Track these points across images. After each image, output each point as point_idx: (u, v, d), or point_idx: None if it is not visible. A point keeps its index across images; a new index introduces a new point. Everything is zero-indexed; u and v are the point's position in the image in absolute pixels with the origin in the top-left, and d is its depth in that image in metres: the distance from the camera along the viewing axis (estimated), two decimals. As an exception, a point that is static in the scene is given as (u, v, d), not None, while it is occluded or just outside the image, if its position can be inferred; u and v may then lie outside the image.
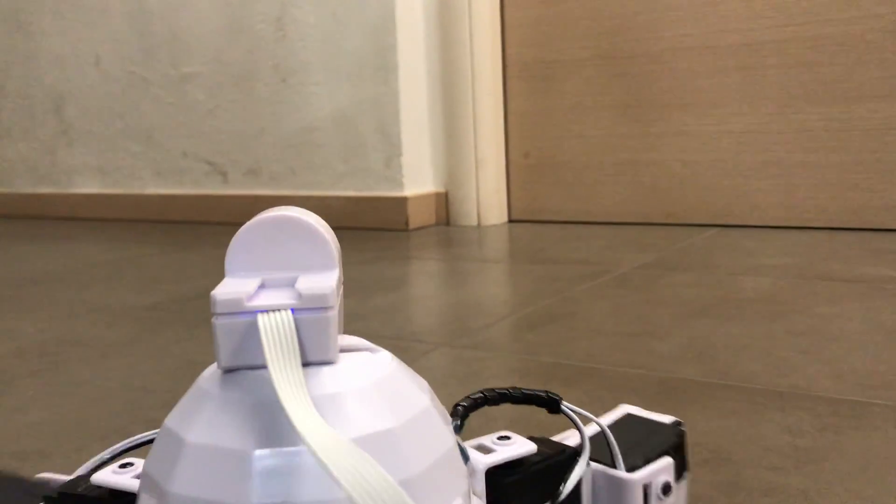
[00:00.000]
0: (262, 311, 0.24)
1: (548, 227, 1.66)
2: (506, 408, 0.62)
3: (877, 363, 0.71)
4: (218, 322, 0.25)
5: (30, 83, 2.32)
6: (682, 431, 0.38)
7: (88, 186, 2.25)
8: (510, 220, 1.79)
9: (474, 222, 1.74)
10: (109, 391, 0.73)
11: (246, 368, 0.25)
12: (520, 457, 0.32)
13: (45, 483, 0.35)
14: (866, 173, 1.43)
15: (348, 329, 0.91)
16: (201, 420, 0.24)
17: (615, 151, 1.65)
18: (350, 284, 1.16)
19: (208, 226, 1.95)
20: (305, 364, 0.25)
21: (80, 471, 0.33)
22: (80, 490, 0.32)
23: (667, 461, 0.35)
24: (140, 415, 0.66)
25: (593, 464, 0.34)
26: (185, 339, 0.90)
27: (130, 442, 0.33)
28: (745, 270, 1.13)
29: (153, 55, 2.06)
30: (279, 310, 0.24)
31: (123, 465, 0.32)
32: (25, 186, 2.39)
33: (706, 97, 1.55)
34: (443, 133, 1.76)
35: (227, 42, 1.93)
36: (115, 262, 1.48)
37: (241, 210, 1.95)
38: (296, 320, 0.25)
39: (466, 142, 1.73)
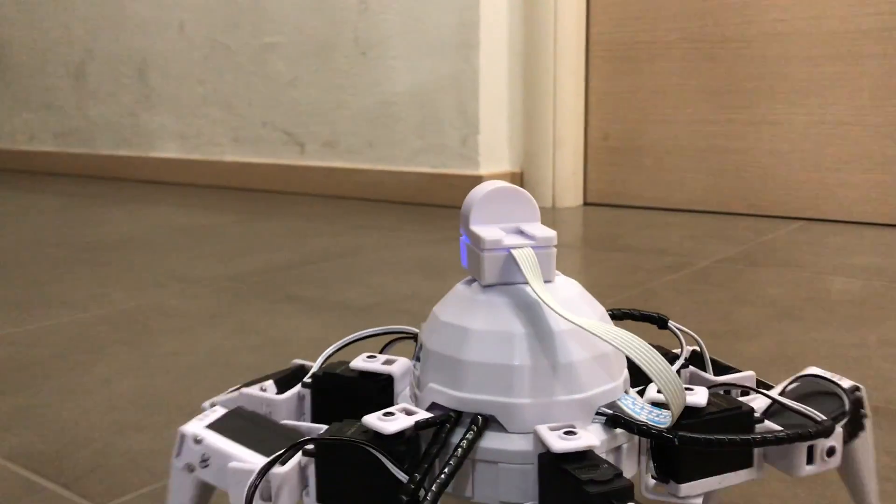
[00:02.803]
0: (513, 248, 0.37)
1: (624, 212, 1.64)
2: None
3: (980, 380, 0.68)
4: (485, 255, 0.37)
5: (116, 47, 2.36)
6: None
7: (168, 150, 2.30)
8: (585, 203, 1.76)
9: (549, 204, 1.72)
10: (196, 365, 0.74)
11: (500, 284, 0.37)
12: None
13: (299, 367, 0.45)
14: (965, 171, 1.37)
15: (423, 312, 0.91)
16: (479, 315, 0.37)
17: (699, 137, 1.61)
18: (423, 265, 1.16)
19: (284, 195, 1.97)
20: None
21: (319, 360, 0.44)
22: (339, 371, 0.42)
23: (749, 373, 0.45)
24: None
25: (693, 368, 0.45)
26: (268, 313, 0.91)
27: (353, 337, 0.45)
28: (833, 270, 1.09)
29: (236, 23, 2.08)
30: (525, 246, 0.37)
31: (370, 357, 0.42)
32: (108, 148, 2.45)
33: (798, 85, 1.50)
34: (521, 112, 1.74)
35: (310, 13, 1.93)
36: (196, 229, 1.50)
37: (317, 181, 1.97)
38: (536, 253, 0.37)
39: (545, 122, 1.70)
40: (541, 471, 0.34)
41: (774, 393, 0.41)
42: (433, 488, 0.33)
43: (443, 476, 0.33)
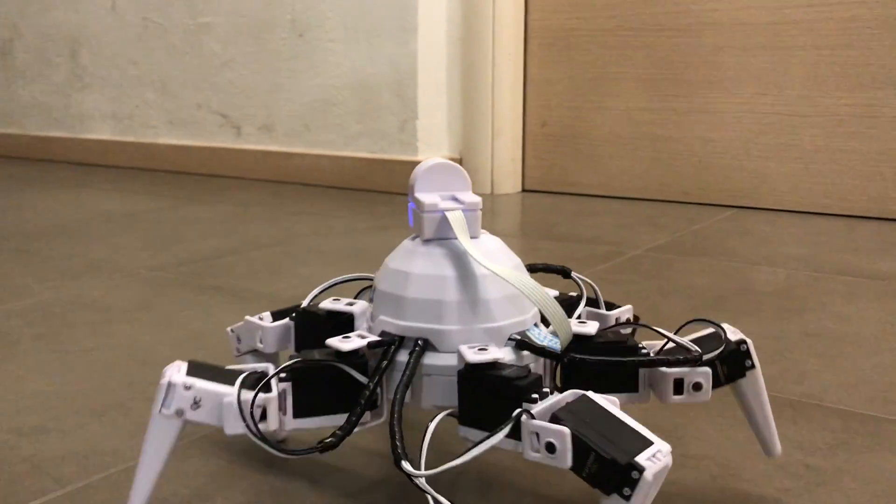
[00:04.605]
0: (447, 210, 0.47)
1: (562, 199, 1.64)
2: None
3: (893, 374, 0.69)
4: (425, 215, 0.47)
5: (44, 25, 2.29)
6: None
7: (101, 132, 2.24)
8: (524, 190, 1.76)
9: (488, 190, 1.72)
10: (112, 362, 0.72)
11: (437, 239, 0.47)
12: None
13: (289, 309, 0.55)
14: (890, 162, 1.40)
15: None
16: (419, 262, 0.46)
17: (635, 125, 1.62)
18: (355, 255, 1.15)
19: (220, 179, 1.94)
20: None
21: (306, 301, 0.54)
22: (314, 310, 0.52)
23: (628, 307, 0.56)
24: (140, 390, 0.66)
25: (590, 308, 0.55)
26: (191, 306, 0.89)
27: (330, 284, 0.55)
28: (760, 259, 1.11)
29: (169, 2, 2.02)
30: (456, 210, 0.47)
31: (335, 300, 0.52)
32: (38, 129, 2.37)
33: (731, 75, 1.51)
34: (460, 98, 1.73)
35: (245, -7, 1.89)
36: (126, 214, 1.47)
37: (253, 165, 1.93)
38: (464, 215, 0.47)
39: (483, 108, 1.70)
40: (459, 378, 0.43)
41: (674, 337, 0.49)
42: (397, 395, 0.42)
43: (401, 385, 0.43)
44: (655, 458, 0.37)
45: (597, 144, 1.67)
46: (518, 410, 0.40)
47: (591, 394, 0.41)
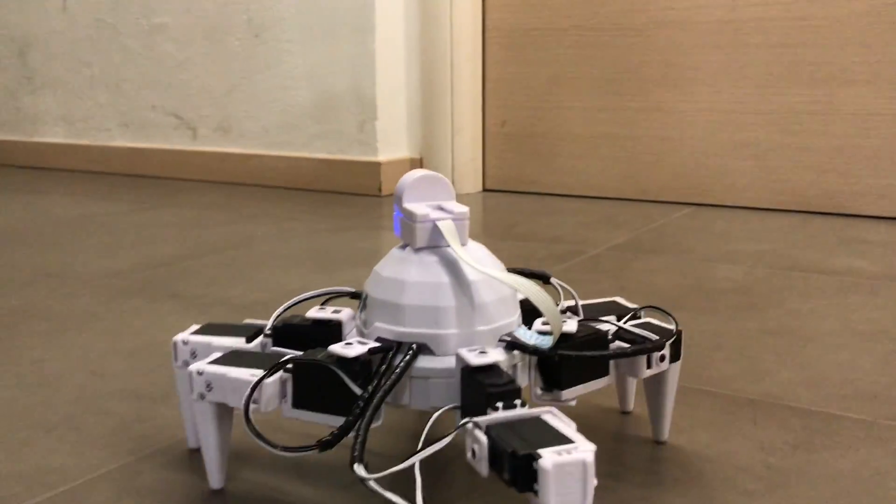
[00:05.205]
0: (437, 220, 0.48)
1: (522, 199, 1.64)
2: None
3: (850, 370, 0.70)
4: (417, 225, 0.48)
5: (-8, 25, 2.23)
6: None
7: (53, 135, 2.19)
8: (484, 190, 1.76)
9: (448, 190, 1.71)
10: (61, 374, 0.70)
11: (428, 248, 0.49)
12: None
13: (252, 325, 0.55)
14: (843, 158, 1.42)
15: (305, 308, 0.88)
16: (413, 270, 0.48)
17: (592, 124, 1.63)
18: (314, 258, 1.14)
19: (176, 182, 1.90)
20: None
21: (274, 315, 0.55)
22: (295, 322, 0.53)
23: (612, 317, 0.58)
24: (91, 404, 0.64)
25: (570, 314, 0.58)
26: (145, 313, 0.87)
27: (301, 298, 0.56)
28: (718, 257, 1.11)
29: (122, 3, 1.99)
30: (447, 219, 0.48)
31: (320, 308, 0.53)
32: (-13, 132, 2.32)
33: (686, 73, 1.52)
34: (419, 98, 1.72)
35: (199, -7, 1.86)
36: (80, 219, 1.43)
37: (210, 167, 1.91)
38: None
39: (443, 108, 1.69)
40: (462, 380, 0.45)
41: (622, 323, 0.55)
42: (376, 398, 0.44)
43: (383, 389, 0.44)
44: (566, 451, 0.36)
45: (556, 144, 1.67)
46: (465, 420, 0.41)
47: (546, 416, 0.42)
